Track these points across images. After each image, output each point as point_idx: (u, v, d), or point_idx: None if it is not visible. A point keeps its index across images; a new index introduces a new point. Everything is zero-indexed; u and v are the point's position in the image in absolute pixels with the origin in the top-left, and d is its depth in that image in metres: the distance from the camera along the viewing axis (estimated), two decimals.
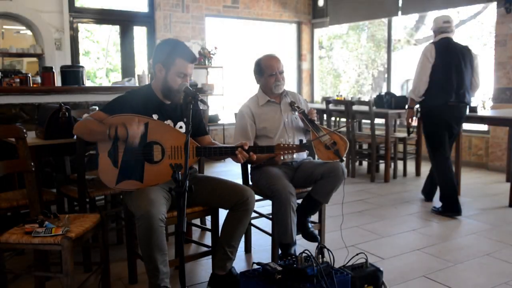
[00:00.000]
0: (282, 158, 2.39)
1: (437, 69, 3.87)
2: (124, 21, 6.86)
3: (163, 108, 2.43)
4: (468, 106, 4.04)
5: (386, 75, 7.64)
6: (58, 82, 4.90)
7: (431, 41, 4.04)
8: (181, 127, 2.47)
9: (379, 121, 5.66)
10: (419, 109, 4.20)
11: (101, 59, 11.15)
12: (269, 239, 2.99)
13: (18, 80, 4.51)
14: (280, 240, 2.69)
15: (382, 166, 5.85)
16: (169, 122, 2.42)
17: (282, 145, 2.32)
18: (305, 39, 8.55)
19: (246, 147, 2.30)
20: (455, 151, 4.62)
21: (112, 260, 2.81)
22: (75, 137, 2.57)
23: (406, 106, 4.33)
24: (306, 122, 2.87)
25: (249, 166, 3.04)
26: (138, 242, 2.17)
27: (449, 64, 3.86)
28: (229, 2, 7.46)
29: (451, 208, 3.87)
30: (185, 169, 1.88)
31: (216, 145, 2.47)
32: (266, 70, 2.91)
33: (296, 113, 2.95)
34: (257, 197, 2.76)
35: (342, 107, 5.76)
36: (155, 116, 2.37)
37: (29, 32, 6.20)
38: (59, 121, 2.70)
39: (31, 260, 2.74)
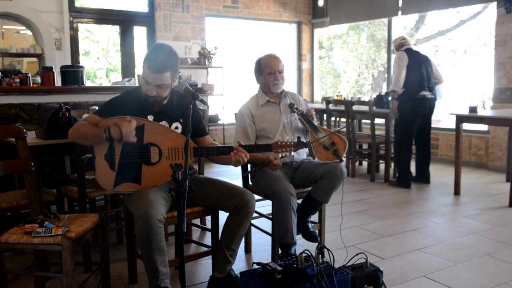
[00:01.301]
0: (280, 156, 2.39)
1: (412, 67, 4.82)
2: (124, 21, 6.86)
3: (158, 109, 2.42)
4: (435, 100, 4.99)
5: (386, 75, 7.64)
6: (58, 82, 4.91)
7: (403, 48, 4.98)
8: (176, 127, 2.44)
9: (379, 121, 5.66)
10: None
11: (101, 59, 11.16)
12: (269, 239, 2.99)
13: (18, 80, 4.51)
14: (281, 241, 2.69)
15: (382, 166, 5.85)
16: (164, 123, 2.41)
17: (279, 142, 2.32)
18: (305, 39, 8.55)
19: (242, 143, 2.30)
20: (455, 151, 4.63)
21: (112, 260, 2.82)
22: None
23: (390, 98, 5.05)
24: (305, 123, 2.87)
25: (249, 166, 3.04)
26: (137, 243, 2.17)
27: (419, 63, 4.86)
28: (229, 2, 7.47)
29: (405, 183, 5.00)
30: (185, 169, 1.88)
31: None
32: (265, 68, 2.92)
33: (295, 114, 2.95)
34: (257, 197, 2.76)
35: (342, 107, 5.76)
36: (150, 117, 2.36)
37: (29, 32, 6.20)
38: (59, 121, 2.69)
39: (31, 260, 2.74)
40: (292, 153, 2.57)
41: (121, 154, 2.24)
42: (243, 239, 3.08)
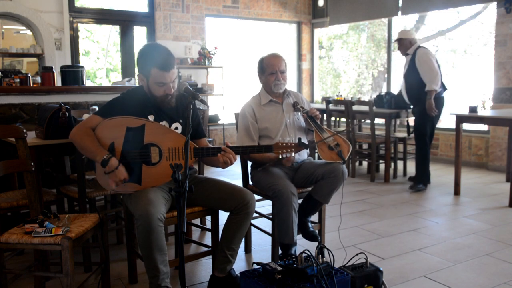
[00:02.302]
0: (280, 157, 2.38)
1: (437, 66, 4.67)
2: (124, 21, 6.86)
3: (158, 109, 2.41)
4: None
5: (386, 75, 7.64)
6: (58, 82, 4.90)
7: (421, 45, 4.80)
8: (176, 128, 2.45)
9: (379, 121, 5.66)
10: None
11: (101, 59, 11.15)
12: (269, 239, 2.99)
13: (18, 80, 4.52)
14: (281, 241, 2.69)
15: (382, 166, 5.85)
16: (164, 123, 2.41)
17: (280, 143, 2.32)
18: (305, 39, 8.55)
19: (229, 144, 2.31)
20: (455, 151, 4.63)
21: (112, 260, 2.82)
22: None
23: (428, 99, 4.59)
24: (310, 122, 2.87)
25: (249, 166, 3.04)
26: (138, 242, 2.17)
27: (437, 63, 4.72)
28: (229, 2, 7.47)
29: (426, 182, 4.91)
30: (185, 169, 1.88)
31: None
32: (267, 68, 2.91)
33: (300, 113, 2.95)
34: (257, 197, 2.76)
35: (342, 107, 5.76)
36: (150, 117, 2.36)
37: (29, 32, 6.20)
38: (59, 121, 2.69)
39: (31, 260, 2.74)
40: (293, 154, 2.57)
41: (121, 154, 2.24)
42: (243, 239, 3.09)
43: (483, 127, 6.15)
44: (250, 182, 3.00)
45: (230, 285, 2.45)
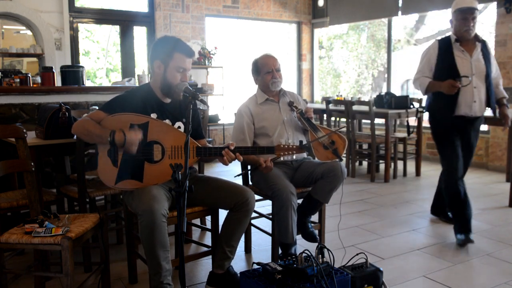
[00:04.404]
0: (282, 159, 2.40)
1: None
2: (124, 21, 6.86)
3: (162, 107, 2.43)
4: None
5: (386, 75, 7.64)
6: (58, 82, 4.91)
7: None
8: (179, 127, 2.46)
9: (379, 121, 5.66)
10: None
11: (101, 59, 11.15)
12: (269, 239, 2.99)
13: (18, 80, 4.52)
14: (281, 240, 2.69)
15: (382, 166, 5.85)
16: (167, 121, 2.42)
17: (282, 146, 2.33)
18: (305, 39, 8.55)
19: (232, 147, 2.30)
20: None
21: (112, 260, 2.82)
22: (75, 137, 2.57)
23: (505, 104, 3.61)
24: (304, 122, 2.88)
25: (249, 166, 3.04)
26: (141, 239, 2.17)
27: None
28: (229, 2, 7.47)
29: None
30: (185, 169, 1.88)
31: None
32: (263, 68, 2.93)
33: (295, 113, 2.96)
34: (257, 197, 2.76)
35: (342, 107, 5.76)
36: (153, 115, 2.37)
37: (29, 32, 6.20)
38: (59, 121, 2.70)
39: (31, 260, 2.74)
40: (294, 156, 2.56)
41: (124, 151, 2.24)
42: (243, 239, 3.09)
43: (483, 127, 6.14)
44: (250, 182, 3.00)
45: (228, 282, 2.45)
